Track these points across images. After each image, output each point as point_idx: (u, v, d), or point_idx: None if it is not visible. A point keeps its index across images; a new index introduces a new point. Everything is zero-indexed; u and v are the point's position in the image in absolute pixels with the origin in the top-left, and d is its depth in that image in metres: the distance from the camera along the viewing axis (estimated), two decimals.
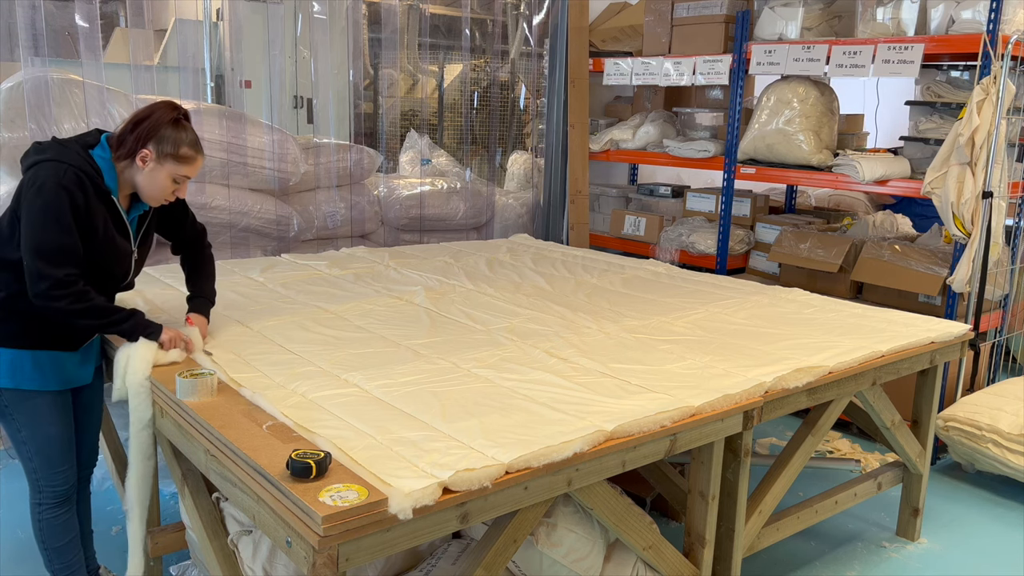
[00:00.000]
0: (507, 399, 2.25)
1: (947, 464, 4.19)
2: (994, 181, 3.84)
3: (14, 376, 2.37)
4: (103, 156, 2.33)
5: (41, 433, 2.43)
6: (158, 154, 2.32)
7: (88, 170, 2.28)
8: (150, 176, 2.35)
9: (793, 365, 2.62)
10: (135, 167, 2.34)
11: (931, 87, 4.59)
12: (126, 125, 2.35)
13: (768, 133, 4.66)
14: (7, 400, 2.39)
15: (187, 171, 2.39)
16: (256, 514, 1.84)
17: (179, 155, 2.34)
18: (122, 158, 2.34)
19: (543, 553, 2.31)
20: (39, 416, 2.41)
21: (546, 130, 5.69)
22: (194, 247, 2.77)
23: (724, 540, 2.62)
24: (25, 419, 2.41)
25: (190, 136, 2.38)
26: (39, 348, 2.38)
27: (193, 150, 2.38)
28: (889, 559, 3.31)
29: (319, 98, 4.78)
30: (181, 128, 2.36)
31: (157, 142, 2.32)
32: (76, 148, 2.32)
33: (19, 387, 2.38)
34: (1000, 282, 4.43)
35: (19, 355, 2.36)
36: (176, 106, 2.37)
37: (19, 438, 2.43)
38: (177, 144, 2.34)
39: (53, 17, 3.94)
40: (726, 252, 5.03)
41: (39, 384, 2.40)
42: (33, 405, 2.40)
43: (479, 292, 3.50)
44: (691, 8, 5.09)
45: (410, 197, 5.07)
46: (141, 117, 2.34)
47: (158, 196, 2.40)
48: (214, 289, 2.78)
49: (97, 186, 2.30)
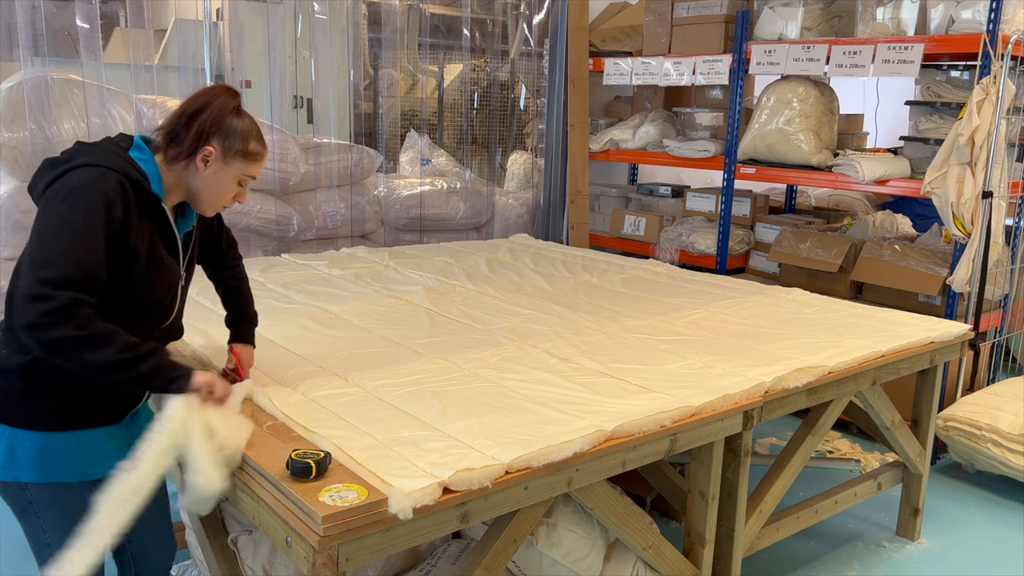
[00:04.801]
0: (507, 399, 2.25)
1: (947, 464, 4.18)
2: (994, 181, 3.84)
3: (43, 468, 1.84)
4: (144, 158, 1.87)
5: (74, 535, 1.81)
6: (224, 151, 1.89)
7: (132, 174, 1.81)
8: (214, 179, 1.91)
9: (793, 365, 2.62)
10: (192, 169, 1.90)
11: (931, 87, 4.59)
12: (176, 118, 1.89)
13: (768, 133, 4.66)
14: (33, 496, 1.87)
15: (254, 170, 1.97)
16: (256, 514, 1.84)
17: (248, 151, 1.93)
18: (176, 159, 1.89)
19: (543, 553, 2.31)
20: (73, 514, 1.82)
21: (546, 130, 5.69)
22: (230, 261, 2.32)
23: (724, 540, 2.62)
24: (53, 519, 1.89)
25: (255, 128, 1.96)
26: (76, 427, 1.86)
27: (261, 145, 1.97)
28: (889, 559, 3.31)
29: (319, 98, 4.78)
30: (245, 118, 1.95)
31: (223, 137, 1.89)
32: (112, 148, 1.86)
33: (49, 481, 1.85)
34: (1000, 282, 4.43)
35: (49, 440, 1.84)
36: (235, 91, 1.95)
37: (43, 540, 1.91)
38: (246, 138, 1.92)
39: (53, 17, 3.94)
40: (726, 252, 5.02)
41: (75, 474, 1.86)
42: (67, 501, 1.87)
43: (479, 292, 3.50)
44: (691, 8, 5.09)
45: (410, 197, 5.07)
46: (197, 108, 1.89)
47: (218, 203, 1.97)
48: (255, 311, 2.34)
49: (145, 194, 1.84)
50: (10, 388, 1.82)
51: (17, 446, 1.83)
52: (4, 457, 1.84)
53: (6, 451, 1.84)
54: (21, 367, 1.80)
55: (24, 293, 1.66)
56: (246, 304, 2.32)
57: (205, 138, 1.88)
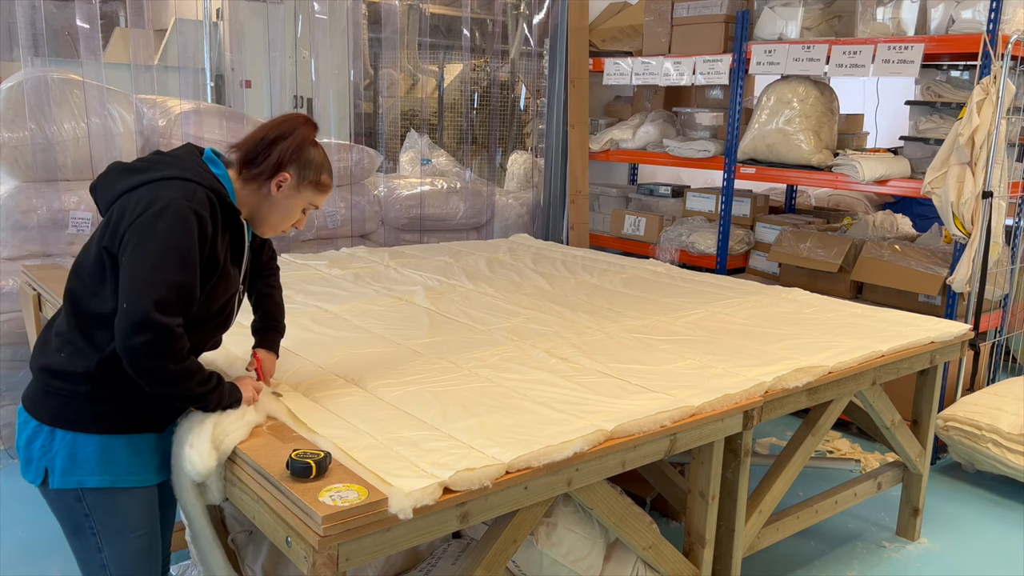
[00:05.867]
0: (507, 399, 2.25)
1: (947, 464, 4.18)
2: (994, 181, 3.84)
3: (107, 469, 1.85)
4: (221, 173, 1.93)
5: (130, 549, 1.90)
6: (299, 180, 1.95)
7: (219, 189, 1.87)
8: (283, 204, 1.97)
9: (793, 365, 2.62)
10: (264, 192, 1.95)
11: (931, 87, 4.59)
12: (256, 141, 1.94)
13: (768, 133, 4.66)
14: (90, 505, 1.85)
15: (320, 200, 2.03)
16: (256, 514, 1.84)
17: (320, 182, 1.99)
18: (251, 179, 1.94)
19: (543, 553, 2.31)
20: (128, 524, 1.89)
21: (546, 130, 5.69)
22: (267, 271, 2.32)
23: (724, 540, 2.62)
24: (111, 530, 1.88)
25: (328, 161, 2.04)
26: (134, 431, 1.89)
27: (330, 177, 2.04)
28: (889, 559, 3.31)
29: (319, 98, 4.78)
30: (320, 150, 2.01)
31: (300, 166, 1.95)
32: (197, 160, 1.90)
33: (114, 485, 1.86)
34: (1000, 282, 4.43)
35: (111, 442, 1.85)
36: (314, 123, 2.02)
37: (97, 561, 1.90)
38: (320, 170, 1.99)
39: (53, 17, 3.94)
40: (726, 252, 5.03)
41: (137, 478, 1.89)
42: (124, 509, 1.89)
43: (479, 292, 3.50)
44: (691, 8, 5.09)
45: (410, 197, 5.07)
46: (280, 135, 1.94)
47: (280, 226, 2.03)
48: (284, 320, 2.34)
49: (227, 208, 1.89)
50: (75, 392, 1.82)
51: (80, 450, 1.83)
52: (65, 462, 1.83)
53: (67, 456, 1.83)
54: (88, 370, 1.81)
55: (133, 318, 1.69)
56: (277, 313, 2.30)
57: (284, 165, 1.93)
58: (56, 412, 1.83)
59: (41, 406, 1.85)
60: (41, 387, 1.85)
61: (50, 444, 1.83)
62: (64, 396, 1.82)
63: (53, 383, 1.83)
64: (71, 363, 1.82)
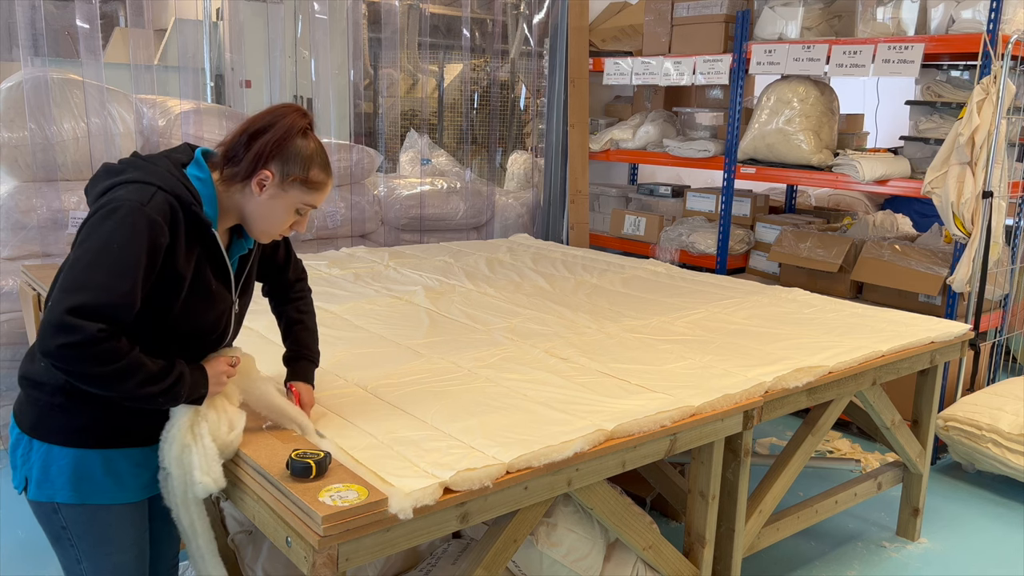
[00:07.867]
0: (507, 399, 2.25)
1: (947, 464, 4.18)
2: (994, 181, 3.84)
3: (79, 487, 1.76)
4: (200, 176, 1.77)
5: (109, 565, 1.82)
6: (282, 177, 1.77)
7: (184, 196, 1.70)
8: (267, 205, 1.79)
9: (793, 365, 2.62)
10: (247, 192, 1.79)
11: (931, 87, 4.59)
12: (236, 136, 1.79)
13: (768, 133, 4.66)
14: (66, 519, 1.79)
15: (315, 199, 1.83)
16: (256, 514, 1.84)
17: (308, 180, 1.79)
18: (230, 180, 1.78)
19: (543, 553, 2.31)
20: (109, 540, 1.81)
21: (546, 130, 5.69)
22: (295, 293, 2.18)
23: (724, 540, 2.62)
24: (89, 545, 1.81)
25: (321, 154, 1.82)
26: (112, 446, 1.78)
27: (325, 173, 1.83)
28: (889, 559, 3.31)
29: (319, 98, 4.78)
30: (311, 142, 1.81)
31: (283, 162, 1.77)
32: (167, 165, 1.74)
33: (85, 502, 1.77)
34: (1000, 282, 4.43)
35: (85, 457, 1.76)
36: (305, 112, 1.82)
37: (76, 571, 1.84)
38: (307, 165, 1.78)
39: (53, 17, 3.95)
40: (726, 252, 5.02)
41: (112, 496, 1.80)
42: (103, 525, 1.80)
43: (479, 292, 3.50)
44: (691, 8, 5.09)
45: (410, 197, 5.07)
46: (260, 127, 1.77)
47: (272, 231, 1.85)
48: (318, 349, 2.19)
49: (194, 217, 1.72)
50: (48, 402, 1.75)
51: (52, 464, 1.76)
52: (39, 475, 1.77)
53: (41, 469, 1.77)
54: (59, 382, 1.73)
55: (49, 320, 1.56)
56: (310, 340, 2.15)
57: (264, 161, 1.76)
58: (34, 423, 1.77)
59: (22, 415, 1.80)
60: (23, 395, 1.80)
61: (28, 454, 1.78)
62: (41, 407, 1.76)
63: (31, 392, 1.78)
64: (47, 373, 1.74)
